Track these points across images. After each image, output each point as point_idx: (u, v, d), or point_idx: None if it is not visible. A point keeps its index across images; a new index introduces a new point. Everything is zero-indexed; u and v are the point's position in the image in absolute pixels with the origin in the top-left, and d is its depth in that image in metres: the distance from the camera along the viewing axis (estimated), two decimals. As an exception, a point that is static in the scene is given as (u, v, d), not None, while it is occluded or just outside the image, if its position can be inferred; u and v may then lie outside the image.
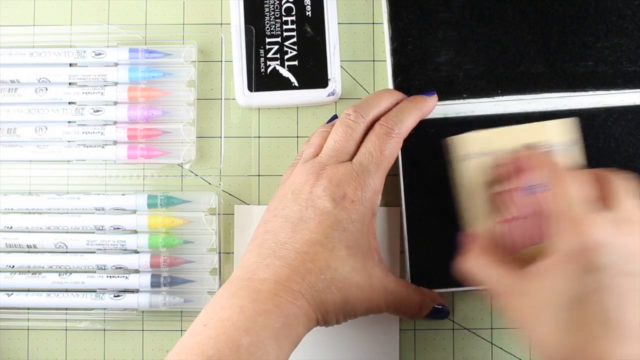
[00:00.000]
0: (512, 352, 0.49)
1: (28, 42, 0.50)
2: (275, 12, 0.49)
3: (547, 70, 0.49)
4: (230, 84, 0.50)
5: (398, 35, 0.49)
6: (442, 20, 0.49)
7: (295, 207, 0.43)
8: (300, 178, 0.44)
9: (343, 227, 0.42)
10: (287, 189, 0.44)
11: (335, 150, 0.44)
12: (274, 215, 0.43)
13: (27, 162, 0.50)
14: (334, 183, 0.43)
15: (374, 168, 0.43)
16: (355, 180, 0.43)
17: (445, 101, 0.49)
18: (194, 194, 0.49)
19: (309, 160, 0.45)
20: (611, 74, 0.49)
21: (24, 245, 0.49)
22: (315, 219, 0.42)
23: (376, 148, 0.44)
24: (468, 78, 0.49)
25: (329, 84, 0.49)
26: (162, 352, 0.49)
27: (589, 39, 0.49)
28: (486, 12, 0.49)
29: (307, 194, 0.43)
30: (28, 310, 0.49)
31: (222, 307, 0.40)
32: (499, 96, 0.49)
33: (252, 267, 0.42)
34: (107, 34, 0.50)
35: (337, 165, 0.43)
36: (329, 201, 0.42)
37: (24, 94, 0.49)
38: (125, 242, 0.48)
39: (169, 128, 0.49)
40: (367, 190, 0.43)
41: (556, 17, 0.49)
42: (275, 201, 0.44)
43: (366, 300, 0.42)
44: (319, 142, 0.45)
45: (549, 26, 0.49)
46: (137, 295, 0.48)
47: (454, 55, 0.49)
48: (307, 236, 0.42)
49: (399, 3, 0.49)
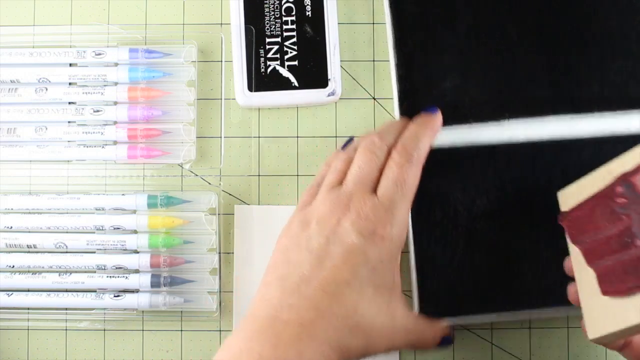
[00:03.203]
0: (512, 352, 0.49)
1: (28, 42, 0.50)
2: (275, 12, 0.49)
3: (553, 93, 0.48)
4: (230, 84, 0.50)
5: (404, 61, 0.49)
6: (448, 46, 0.49)
7: (321, 239, 0.41)
8: (325, 207, 0.42)
9: (372, 265, 0.41)
10: (310, 218, 0.42)
11: (360, 178, 0.43)
12: (296, 245, 0.42)
13: (27, 162, 0.50)
14: (362, 217, 0.41)
15: (400, 199, 0.42)
16: (384, 215, 0.41)
17: (451, 126, 0.48)
18: (194, 194, 0.49)
19: (334, 188, 0.43)
20: (617, 96, 0.48)
21: (24, 245, 0.49)
22: (342, 255, 0.40)
23: (399, 179, 0.42)
24: (474, 103, 0.49)
25: (329, 84, 0.49)
26: (162, 352, 0.49)
27: (595, 62, 0.49)
28: (491, 37, 0.49)
29: (334, 226, 0.41)
30: (28, 310, 0.49)
31: (241, 351, 0.38)
32: (505, 120, 0.48)
33: (274, 303, 0.40)
34: (107, 34, 0.50)
35: (364, 197, 0.42)
36: (358, 236, 0.41)
37: (24, 94, 0.49)
38: (125, 242, 0.48)
39: (169, 128, 0.49)
40: (395, 225, 0.42)
41: (561, 40, 0.49)
42: (296, 228, 0.43)
43: (388, 342, 0.41)
44: (341, 168, 0.44)
45: (554, 50, 0.49)
46: (137, 295, 0.48)
47: (460, 81, 0.49)
48: (334, 274, 0.40)
49: (404, 29, 0.49)
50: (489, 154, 0.48)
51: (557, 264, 0.46)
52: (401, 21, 0.49)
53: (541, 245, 0.48)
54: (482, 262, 0.48)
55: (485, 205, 0.48)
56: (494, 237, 0.48)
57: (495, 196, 0.48)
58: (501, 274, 0.48)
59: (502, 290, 0.48)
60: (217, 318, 0.49)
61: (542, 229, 0.48)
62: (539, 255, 0.48)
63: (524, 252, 0.48)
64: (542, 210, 0.48)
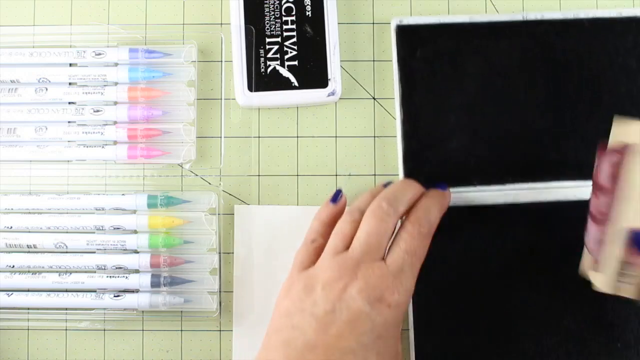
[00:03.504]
0: (512, 352, 0.49)
1: (28, 42, 0.50)
2: (275, 12, 0.49)
3: (559, 158, 0.48)
4: (230, 84, 0.50)
5: (409, 118, 0.49)
6: (455, 105, 0.48)
7: (327, 305, 0.41)
8: (332, 273, 0.42)
9: (378, 333, 0.40)
10: (315, 282, 0.42)
11: (369, 245, 0.42)
12: (300, 310, 0.41)
13: (27, 162, 0.50)
14: (370, 285, 0.41)
15: (409, 269, 0.42)
16: (392, 284, 0.41)
17: (455, 188, 0.48)
18: (194, 194, 0.49)
19: (340, 253, 0.43)
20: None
21: (24, 245, 0.49)
22: (348, 322, 0.40)
23: (410, 249, 0.42)
24: (479, 165, 0.48)
25: (329, 84, 0.49)
26: (162, 352, 0.49)
27: (602, 127, 0.48)
28: (499, 98, 0.49)
29: (340, 292, 0.41)
30: (28, 310, 0.49)
31: None
32: (510, 184, 0.48)
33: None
34: (107, 34, 0.50)
35: (372, 264, 0.42)
36: (365, 304, 0.40)
37: (24, 94, 0.49)
38: (125, 242, 0.48)
39: (169, 128, 0.49)
40: (403, 294, 0.41)
41: (569, 104, 0.48)
42: (300, 291, 0.42)
43: None
44: (347, 232, 0.44)
45: (562, 113, 0.48)
46: (137, 295, 0.48)
47: (466, 141, 0.48)
48: (339, 342, 0.40)
49: (410, 85, 0.49)
50: (490, 215, 0.48)
51: (556, 327, 0.47)
52: (409, 78, 0.49)
53: (541, 308, 0.48)
54: (481, 325, 0.48)
55: (486, 267, 0.48)
56: (493, 299, 0.48)
57: (496, 258, 0.48)
58: (500, 336, 0.48)
59: (501, 352, 0.47)
60: (217, 318, 0.49)
61: (543, 291, 0.48)
62: (538, 318, 0.48)
63: (523, 314, 0.48)
64: (543, 273, 0.48)
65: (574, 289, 0.48)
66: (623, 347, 0.47)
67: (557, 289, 0.48)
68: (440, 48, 0.49)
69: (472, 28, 0.49)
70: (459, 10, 0.51)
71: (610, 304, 0.48)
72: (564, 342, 0.47)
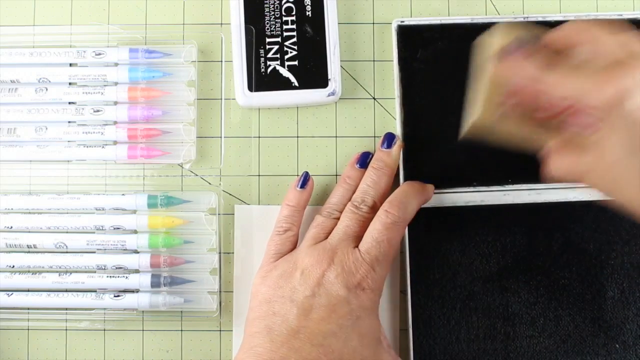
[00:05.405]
0: None
1: (28, 42, 0.50)
2: (275, 12, 0.49)
3: None
4: (230, 84, 0.50)
5: (410, 119, 0.49)
6: (455, 105, 0.48)
7: (307, 290, 0.43)
8: (310, 259, 0.44)
9: (356, 315, 0.42)
10: (294, 269, 0.44)
11: (346, 235, 0.45)
12: (280, 296, 0.43)
13: (27, 162, 0.50)
14: (346, 270, 0.43)
15: (382, 257, 0.44)
16: (366, 269, 0.43)
17: (455, 188, 0.48)
18: (194, 194, 0.49)
19: (319, 242, 0.45)
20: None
21: (24, 245, 0.49)
22: (328, 306, 0.42)
23: (383, 238, 0.44)
24: (479, 165, 0.48)
25: (329, 84, 0.49)
26: (162, 352, 0.49)
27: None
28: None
29: (319, 277, 0.43)
30: (28, 310, 0.49)
31: None
32: (509, 184, 0.48)
33: (264, 355, 0.41)
34: (107, 34, 0.50)
35: (347, 251, 0.44)
36: (343, 288, 0.42)
37: (24, 94, 0.49)
38: (125, 242, 0.48)
39: (169, 128, 0.49)
40: (377, 280, 0.43)
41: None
42: (278, 278, 0.44)
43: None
44: (329, 225, 0.46)
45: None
46: (137, 295, 0.48)
47: (466, 142, 0.48)
48: (320, 326, 0.42)
49: (411, 85, 0.49)
50: (490, 215, 0.48)
51: (554, 328, 0.47)
52: (409, 78, 0.49)
53: (540, 308, 0.48)
54: (479, 324, 0.48)
55: (486, 268, 0.48)
56: (491, 299, 0.48)
57: (496, 258, 0.48)
58: (498, 336, 0.48)
59: (500, 352, 0.48)
60: (217, 318, 0.49)
61: (542, 292, 0.48)
62: (536, 319, 0.48)
63: (521, 315, 0.48)
64: (542, 274, 0.48)
65: (573, 289, 0.48)
66: (622, 348, 0.47)
67: (556, 289, 0.48)
68: (440, 48, 0.49)
69: (473, 29, 0.49)
70: (459, 11, 0.51)
71: (609, 305, 0.48)
72: (562, 342, 0.47)
